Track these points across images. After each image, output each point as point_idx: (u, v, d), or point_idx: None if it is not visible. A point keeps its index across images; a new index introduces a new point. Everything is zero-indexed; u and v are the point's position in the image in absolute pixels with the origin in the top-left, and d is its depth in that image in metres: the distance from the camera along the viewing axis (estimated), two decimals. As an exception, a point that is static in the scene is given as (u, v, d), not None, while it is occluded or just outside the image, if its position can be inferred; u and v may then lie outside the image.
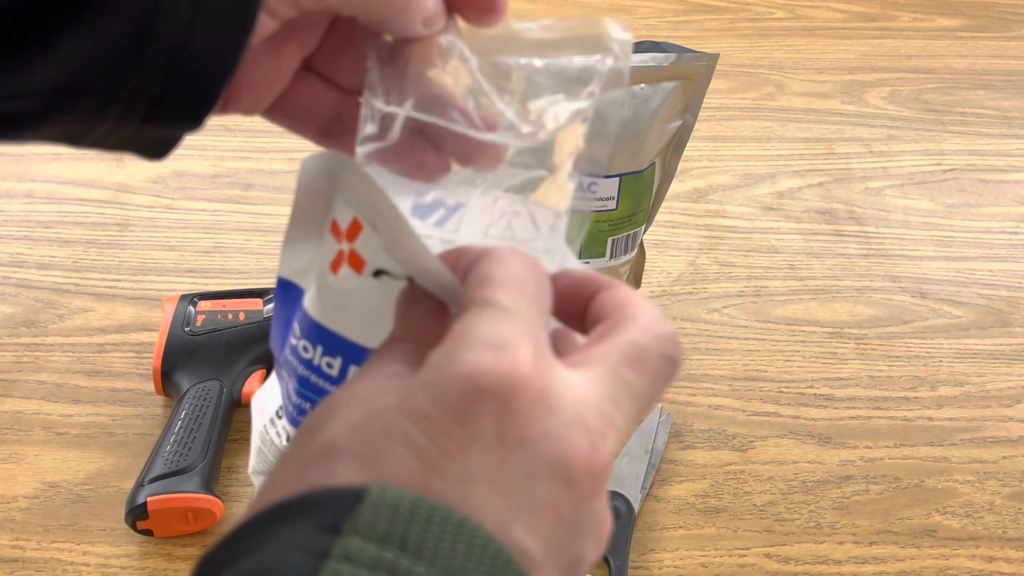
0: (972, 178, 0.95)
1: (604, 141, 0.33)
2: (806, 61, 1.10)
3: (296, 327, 0.33)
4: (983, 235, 0.88)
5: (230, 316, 0.68)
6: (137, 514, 0.59)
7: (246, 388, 0.67)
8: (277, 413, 0.40)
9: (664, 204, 0.77)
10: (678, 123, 0.69)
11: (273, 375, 0.37)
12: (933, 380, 0.75)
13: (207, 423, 0.63)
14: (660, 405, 0.70)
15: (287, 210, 0.32)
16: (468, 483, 0.23)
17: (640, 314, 0.27)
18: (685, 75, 0.66)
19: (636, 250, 0.75)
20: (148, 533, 0.60)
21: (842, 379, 0.74)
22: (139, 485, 0.60)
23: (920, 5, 1.21)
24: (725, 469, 0.68)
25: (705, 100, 0.68)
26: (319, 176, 0.31)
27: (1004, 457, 0.70)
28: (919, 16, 1.19)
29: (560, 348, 0.28)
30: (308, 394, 0.33)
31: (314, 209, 0.31)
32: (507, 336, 0.24)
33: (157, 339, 0.68)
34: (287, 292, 0.34)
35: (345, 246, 0.30)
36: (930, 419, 0.72)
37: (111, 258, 0.80)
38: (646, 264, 0.80)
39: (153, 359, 0.67)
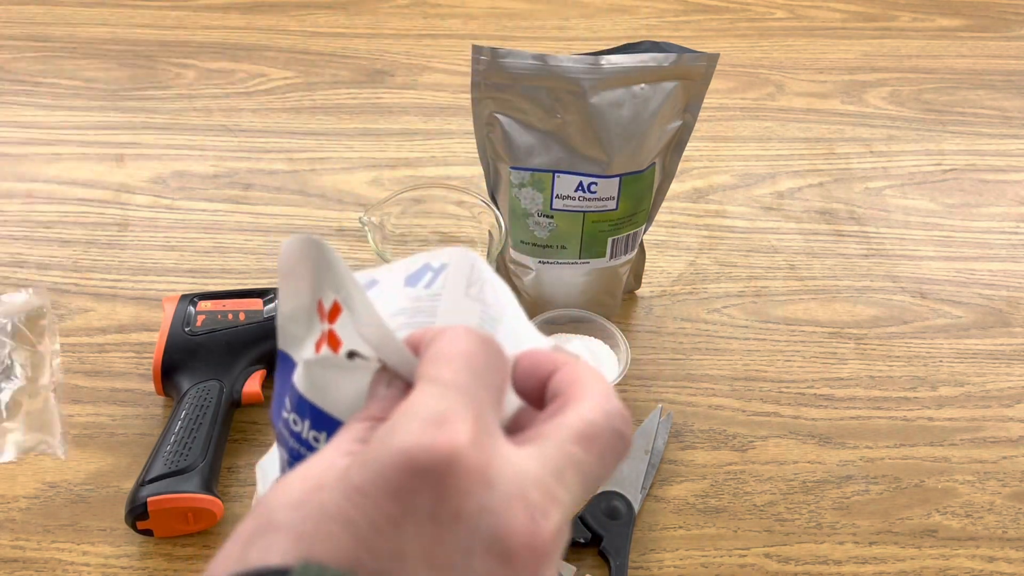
0: (972, 178, 0.95)
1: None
2: (806, 61, 1.10)
3: (287, 400, 0.34)
4: (983, 235, 0.88)
5: (230, 316, 0.68)
6: (137, 514, 0.59)
7: (246, 388, 0.67)
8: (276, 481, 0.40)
9: (664, 204, 0.77)
10: (678, 123, 0.69)
11: (275, 443, 0.38)
12: (933, 380, 0.75)
13: (207, 423, 0.63)
14: (660, 405, 0.70)
15: (287, 210, 0.33)
16: (400, 560, 0.23)
17: (591, 391, 0.27)
18: (685, 75, 0.66)
19: (636, 250, 0.75)
20: (148, 533, 0.60)
21: (842, 379, 0.74)
22: (139, 485, 0.60)
23: (920, 5, 1.21)
24: (725, 469, 0.68)
25: (705, 100, 0.68)
26: (297, 259, 0.32)
27: (1004, 457, 0.70)
28: (919, 16, 1.19)
29: (526, 426, 0.28)
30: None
31: (299, 289, 0.33)
32: (447, 412, 0.24)
33: (157, 339, 0.68)
34: (284, 363, 0.34)
35: (326, 326, 0.32)
36: (930, 419, 0.72)
37: (111, 258, 0.80)
38: (646, 264, 0.80)
39: (153, 359, 0.67)
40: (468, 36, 1.10)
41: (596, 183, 0.68)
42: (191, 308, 0.69)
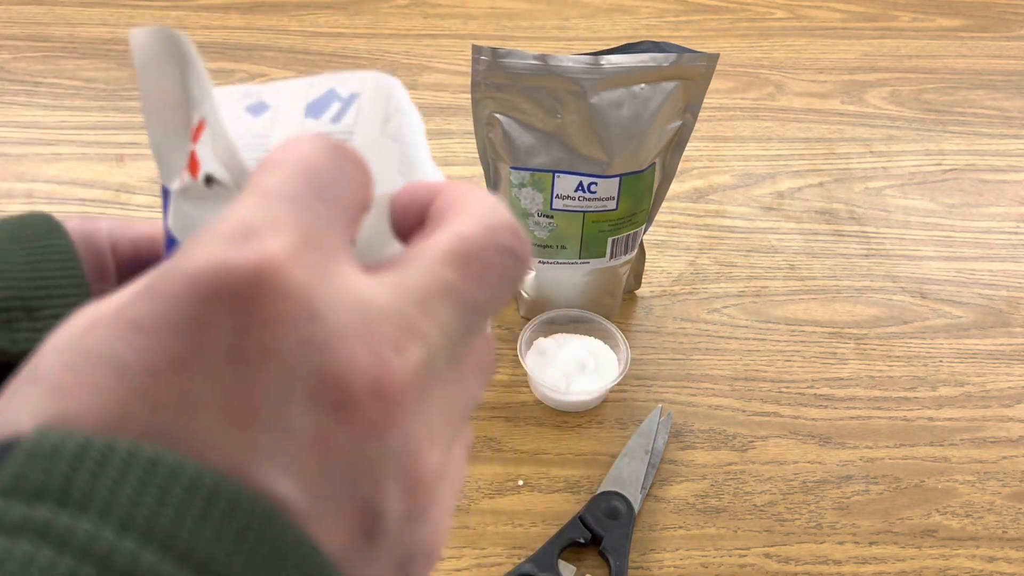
0: (972, 178, 0.95)
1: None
2: (806, 61, 1.10)
3: (164, 246, 0.28)
4: (983, 235, 0.88)
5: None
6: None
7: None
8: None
9: (664, 204, 0.77)
10: (678, 123, 0.69)
11: None
12: (933, 380, 0.75)
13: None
14: (660, 405, 0.70)
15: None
16: (186, 412, 0.17)
17: (471, 204, 0.21)
18: (685, 75, 0.66)
19: (636, 250, 0.75)
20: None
21: (842, 379, 0.74)
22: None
23: (920, 5, 1.21)
24: (725, 469, 0.68)
25: (705, 100, 0.68)
26: (157, 62, 0.25)
27: (1004, 457, 0.70)
28: (919, 16, 1.19)
29: None
30: None
31: (166, 102, 0.26)
32: (259, 223, 0.18)
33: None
34: (164, 200, 0.28)
35: (191, 147, 0.25)
36: (930, 419, 0.72)
37: (111, 258, 0.80)
38: (646, 264, 0.80)
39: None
40: (468, 36, 1.10)
41: (596, 183, 0.68)
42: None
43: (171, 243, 0.26)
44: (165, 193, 0.27)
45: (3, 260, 0.26)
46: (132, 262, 0.29)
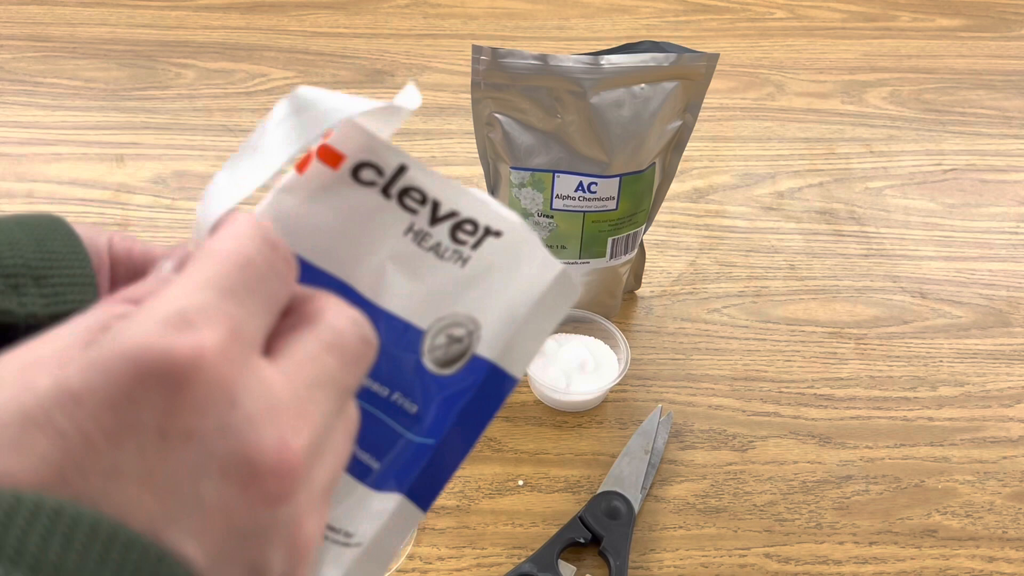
0: (972, 178, 0.95)
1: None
2: (806, 61, 1.10)
3: None
4: (983, 235, 0.88)
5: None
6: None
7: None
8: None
9: (664, 204, 0.77)
10: (678, 123, 0.69)
11: None
12: (933, 380, 0.75)
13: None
14: (660, 405, 0.70)
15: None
16: (113, 479, 0.19)
17: (330, 299, 0.25)
18: (685, 75, 0.66)
19: (636, 250, 0.75)
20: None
21: (842, 379, 0.74)
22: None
23: (920, 5, 1.21)
24: (725, 469, 0.68)
25: (705, 100, 0.68)
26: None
27: (1004, 457, 0.70)
28: (919, 16, 1.19)
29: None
30: None
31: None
32: (194, 313, 0.21)
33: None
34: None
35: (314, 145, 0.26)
36: (930, 419, 0.72)
37: (111, 258, 0.80)
38: (646, 264, 0.80)
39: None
40: (468, 36, 1.10)
41: (596, 183, 0.68)
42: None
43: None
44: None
45: (11, 236, 0.27)
46: (126, 270, 0.31)
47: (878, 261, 0.85)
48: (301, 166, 0.26)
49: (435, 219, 0.27)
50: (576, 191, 0.68)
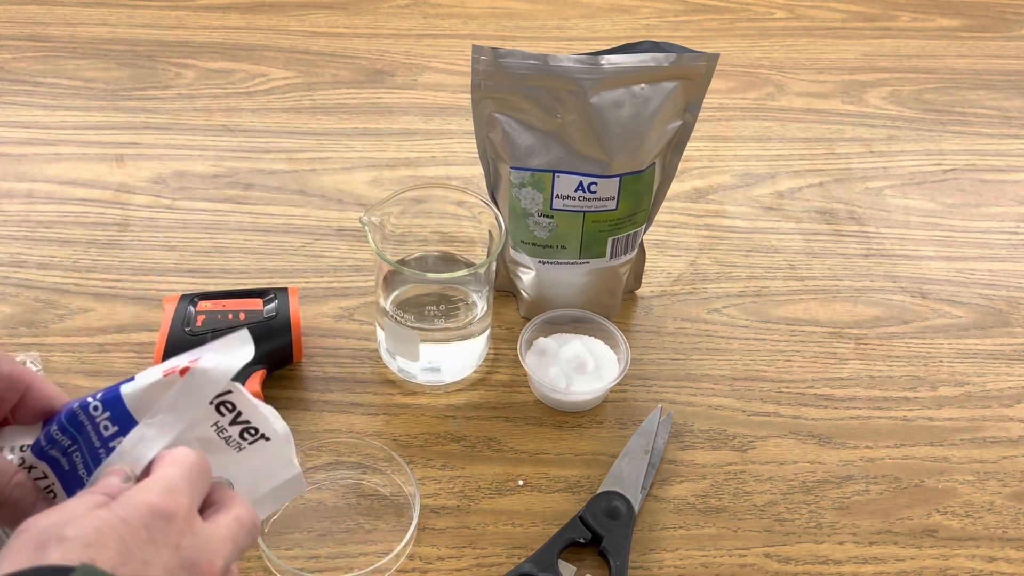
0: (972, 178, 0.95)
1: None
2: (806, 61, 1.10)
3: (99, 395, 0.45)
4: (983, 235, 0.88)
5: (230, 316, 0.68)
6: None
7: (246, 388, 0.66)
8: (21, 447, 0.47)
9: (664, 204, 0.77)
10: (678, 123, 0.69)
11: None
12: (933, 380, 0.75)
13: (207, 423, 0.64)
14: (660, 405, 0.70)
15: (287, 210, 0.33)
16: (147, 565, 0.37)
17: (235, 495, 0.43)
18: (685, 75, 0.66)
19: (636, 250, 0.75)
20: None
21: (842, 379, 0.74)
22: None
23: (920, 5, 1.21)
24: (725, 469, 0.68)
25: (705, 100, 0.68)
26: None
27: (1004, 457, 0.70)
28: (919, 16, 1.19)
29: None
30: (70, 432, 0.45)
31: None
32: (176, 487, 0.40)
33: (157, 339, 0.68)
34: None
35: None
36: (930, 419, 0.72)
37: (111, 258, 0.80)
38: (646, 264, 0.80)
39: (153, 359, 0.67)
40: (468, 36, 1.10)
41: (596, 183, 0.68)
42: (191, 308, 0.69)
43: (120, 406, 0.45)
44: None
45: None
46: (28, 405, 0.48)
47: (878, 261, 0.85)
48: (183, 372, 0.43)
49: (234, 422, 0.45)
50: (576, 191, 0.68)
